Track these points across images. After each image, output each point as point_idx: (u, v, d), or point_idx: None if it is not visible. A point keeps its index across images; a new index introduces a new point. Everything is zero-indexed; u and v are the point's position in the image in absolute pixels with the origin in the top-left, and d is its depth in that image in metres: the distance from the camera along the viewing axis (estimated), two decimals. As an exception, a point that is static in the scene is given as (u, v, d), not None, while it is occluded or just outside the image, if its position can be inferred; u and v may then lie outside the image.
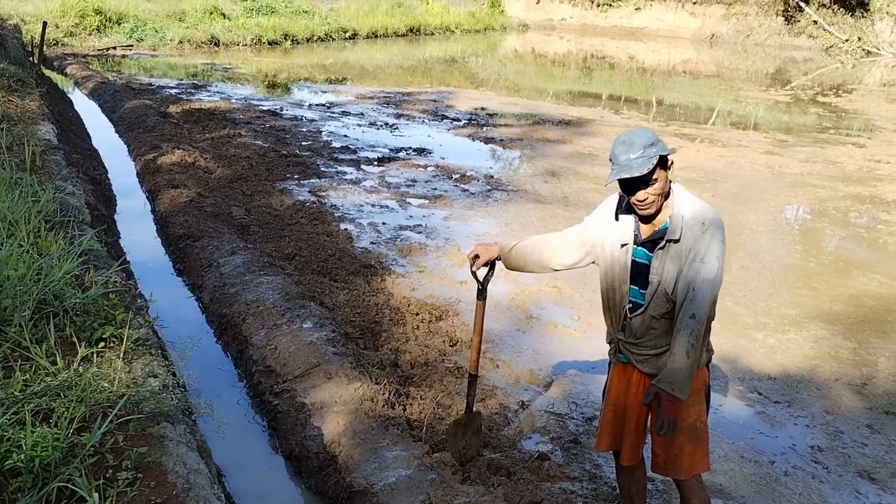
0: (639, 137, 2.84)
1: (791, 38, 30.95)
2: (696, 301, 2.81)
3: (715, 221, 2.86)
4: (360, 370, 4.63)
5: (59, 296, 3.51)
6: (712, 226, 2.85)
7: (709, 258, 2.82)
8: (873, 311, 6.33)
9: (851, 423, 4.69)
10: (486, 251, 3.45)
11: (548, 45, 31.16)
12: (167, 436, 2.82)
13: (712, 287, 2.81)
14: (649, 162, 2.79)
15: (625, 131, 2.93)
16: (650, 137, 2.84)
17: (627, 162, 2.82)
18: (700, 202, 2.93)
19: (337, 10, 30.37)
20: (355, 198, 8.75)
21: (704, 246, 2.83)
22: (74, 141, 9.31)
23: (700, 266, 2.82)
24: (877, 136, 13.87)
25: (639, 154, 2.81)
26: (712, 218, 2.87)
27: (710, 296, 2.82)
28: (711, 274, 2.81)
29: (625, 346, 3.14)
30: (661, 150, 2.82)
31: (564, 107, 16.06)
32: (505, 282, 6.62)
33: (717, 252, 2.83)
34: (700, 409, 3.07)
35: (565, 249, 3.27)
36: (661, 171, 2.86)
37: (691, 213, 2.87)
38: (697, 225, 2.85)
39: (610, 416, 3.29)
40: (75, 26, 21.94)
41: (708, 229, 2.84)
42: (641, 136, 2.84)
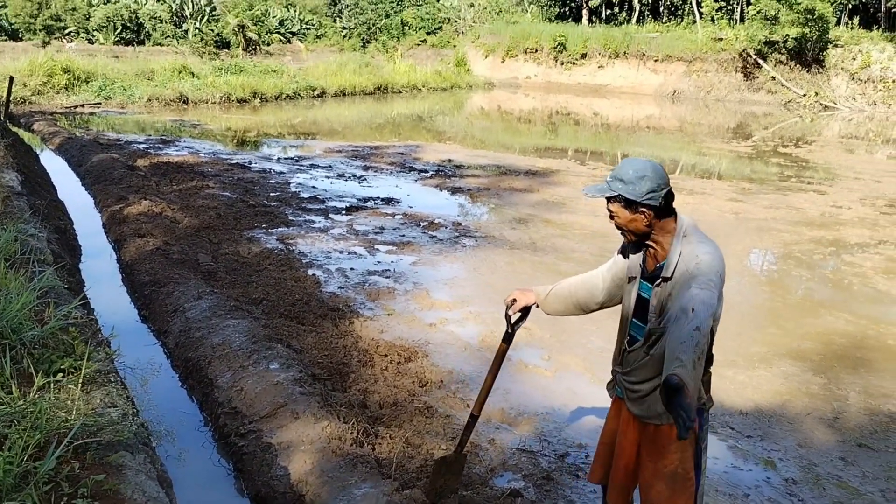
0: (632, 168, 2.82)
1: (751, 94, 31.68)
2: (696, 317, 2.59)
3: (710, 257, 2.73)
4: (328, 409, 4.54)
5: (17, 329, 3.42)
6: (706, 258, 2.73)
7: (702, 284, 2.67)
8: (842, 347, 6.36)
9: (824, 455, 4.67)
10: (523, 296, 3.39)
11: (514, 102, 31.63)
12: (125, 464, 2.72)
13: (708, 308, 2.62)
14: (607, 191, 2.83)
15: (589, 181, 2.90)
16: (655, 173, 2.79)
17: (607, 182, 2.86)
18: (705, 244, 2.80)
19: (305, 70, 30.66)
20: (323, 245, 8.71)
21: (697, 274, 2.70)
22: (39, 192, 9.21)
23: (695, 290, 2.66)
24: (837, 184, 14.14)
25: (610, 179, 2.84)
26: (708, 254, 2.74)
27: (709, 315, 2.61)
28: (706, 295, 2.64)
29: (620, 379, 3.12)
30: (627, 192, 2.78)
31: (531, 158, 16.22)
32: (475, 323, 6.60)
33: (713, 279, 2.69)
34: (684, 456, 2.94)
35: (599, 288, 3.24)
36: (622, 209, 2.84)
37: (689, 251, 2.78)
38: (692, 260, 2.75)
39: (603, 448, 3.28)
40: (43, 85, 21.92)
41: (701, 261, 2.73)
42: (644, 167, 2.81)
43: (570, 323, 6.55)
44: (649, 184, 2.78)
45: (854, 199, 12.58)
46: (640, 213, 2.82)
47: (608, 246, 9.05)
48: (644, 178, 2.79)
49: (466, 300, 7.20)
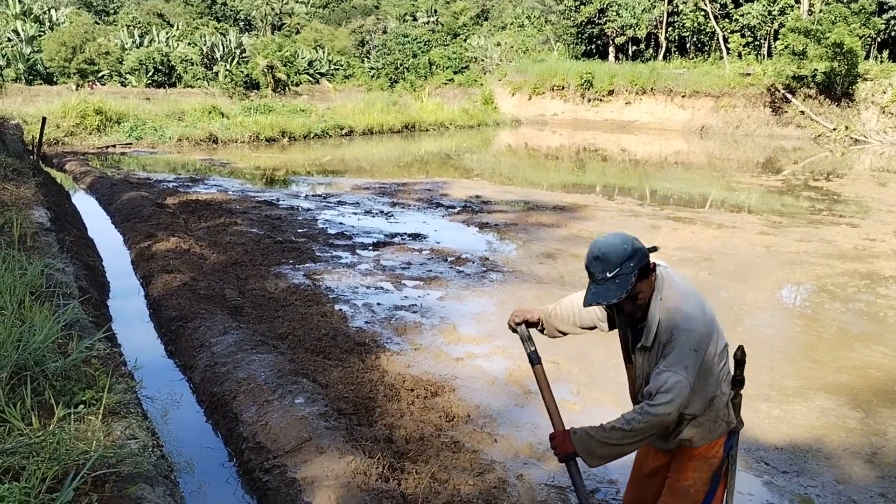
0: (614, 250, 2.68)
1: (780, 129, 31.51)
2: (652, 402, 2.66)
3: (685, 331, 2.68)
4: (353, 444, 4.48)
5: (40, 361, 3.42)
6: (681, 335, 2.68)
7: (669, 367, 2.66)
8: (879, 381, 6.20)
9: (864, 492, 4.52)
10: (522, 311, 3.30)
11: (541, 139, 31.70)
12: (144, 497, 2.68)
13: (670, 398, 2.63)
14: (627, 282, 2.66)
15: (602, 235, 2.80)
16: (626, 250, 2.68)
17: (604, 282, 2.68)
18: (680, 300, 2.76)
19: (333, 109, 31.01)
20: (350, 280, 8.70)
21: (669, 355, 2.68)
22: (69, 229, 9.31)
23: (660, 374, 2.67)
24: (870, 217, 13.94)
25: (615, 272, 2.66)
26: (683, 326, 2.69)
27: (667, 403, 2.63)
28: (669, 383, 2.63)
29: None
30: (639, 262, 2.68)
31: (558, 194, 16.18)
32: (502, 358, 6.52)
33: (682, 362, 2.65)
34: (700, 477, 2.92)
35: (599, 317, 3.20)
36: (644, 282, 2.74)
37: (665, 318, 2.73)
38: (667, 333, 2.71)
39: (633, 475, 3.27)
40: (76, 126, 22.34)
41: (674, 338, 2.69)
42: (617, 249, 2.68)
43: (599, 357, 6.46)
44: (639, 244, 2.75)
45: (888, 232, 12.37)
46: (652, 272, 2.79)
47: (637, 280, 8.95)
48: (632, 244, 2.72)
49: (494, 335, 7.12)
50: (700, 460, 2.92)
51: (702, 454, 2.91)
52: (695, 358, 2.67)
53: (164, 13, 66.16)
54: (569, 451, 2.83)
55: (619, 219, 13.03)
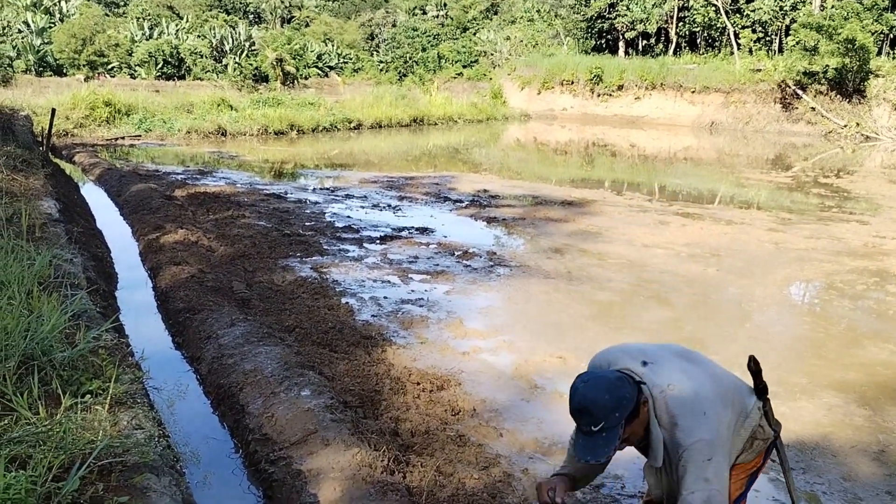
0: (596, 403, 2.50)
1: (790, 125, 31.38)
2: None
3: (691, 449, 2.56)
4: (359, 437, 4.49)
5: (47, 351, 3.43)
6: (690, 455, 2.57)
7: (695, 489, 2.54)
8: (887, 378, 6.17)
9: (871, 489, 4.50)
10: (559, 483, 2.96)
11: (549, 133, 31.64)
12: (150, 486, 2.69)
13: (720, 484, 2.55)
14: (615, 436, 2.52)
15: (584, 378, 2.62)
16: (609, 401, 2.49)
17: (591, 435, 2.53)
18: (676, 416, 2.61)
19: (342, 102, 31.00)
20: (357, 274, 8.71)
21: (687, 477, 2.56)
22: (77, 220, 9.34)
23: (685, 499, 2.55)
24: (880, 215, 13.88)
25: (601, 426, 2.50)
26: (688, 444, 2.57)
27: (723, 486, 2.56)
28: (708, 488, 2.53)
29: None
30: (626, 410, 2.52)
31: (567, 188, 16.15)
32: (509, 352, 6.52)
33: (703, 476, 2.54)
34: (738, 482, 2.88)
35: None
36: (634, 422, 2.59)
37: (668, 438, 2.62)
38: (675, 453, 2.61)
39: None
40: (85, 118, 22.38)
41: (684, 459, 2.57)
42: (599, 402, 2.50)
43: (606, 352, 6.44)
44: (624, 385, 2.59)
45: (898, 230, 12.32)
46: (643, 406, 2.63)
47: (645, 276, 8.95)
48: (617, 386, 2.56)
49: (500, 329, 7.12)
50: (740, 470, 2.89)
51: (742, 466, 2.90)
52: (714, 465, 2.56)
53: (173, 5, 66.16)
54: None
55: (627, 214, 13.01)
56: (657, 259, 9.81)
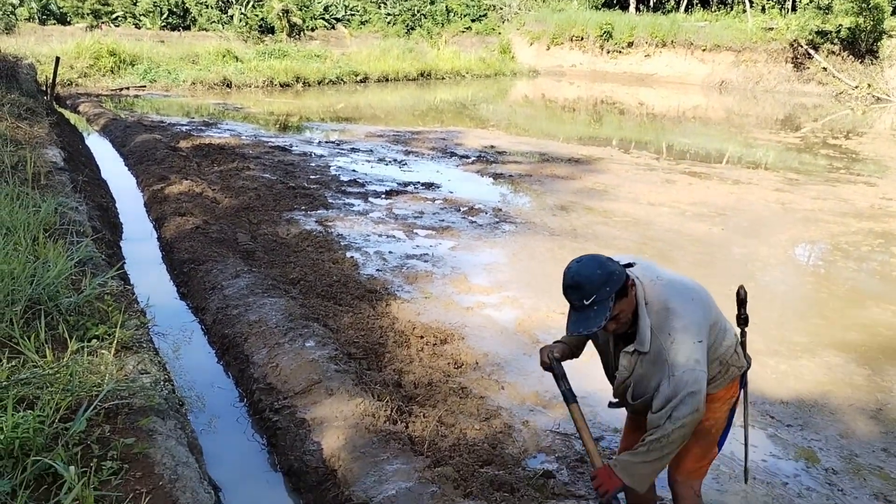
0: (587, 278, 2.64)
1: (801, 85, 30.99)
2: (678, 409, 2.68)
3: (684, 328, 2.70)
4: (363, 387, 4.54)
5: (53, 296, 3.46)
6: (682, 334, 2.70)
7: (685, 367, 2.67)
8: (888, 339, 6.20)
9: (867, 446, 4.55)
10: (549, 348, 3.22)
11: (558, 90, 31.33)
12: (156, 429, 2.74)
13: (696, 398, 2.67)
14: (605, 308, 2.64)
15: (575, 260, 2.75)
16: (600, 275, 2.64)
17: (583, 310, 2.67)
18: (666, 300, 2.75)
19: (348, 55, 30.69)
20: (362, 228, 8.71)
21: (678, 356, 2.69)
22: (82, 170, 9.33)
23: (677, 377, 2.68)
24: (888, 177, 13.79)
25: (592, 299, 2.64)
26: (680, 325, 2.71)
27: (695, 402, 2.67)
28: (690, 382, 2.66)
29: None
30: (615, 285, 2.64)
31: (574, 146, 16.05)
32: (512, 308, 6.54)
33: (693, 356, 2.68)
34: (720, 416, 3.00)
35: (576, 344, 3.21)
36: (623, 301, 2.70)
37: (657, 322, 2.74)
38: (665, 336, 2.72)
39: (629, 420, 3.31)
40: (89, 67, 22.20)
41: (676, 339, 2.70)
42: (591, 276, 2.64)
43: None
44: (614, 264, 2.72)
45: (905, 192, 12.26)
46: (631, 288, 2.74)
47: (650, 233, 8.95)
48: (607, 264, 2.70)
49: (504, 285, 7.15)
50: (720, 402, 2.98)
51: (721, 396, 2.98)
52: (702, 347, 2.71)
53: (179, -46, 65.21)
54: (616, 485, 2.81)
55: (634, 172, 12.95)
56: (663, 217, 9.79)
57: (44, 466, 2.32)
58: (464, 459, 3.96)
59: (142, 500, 2.34)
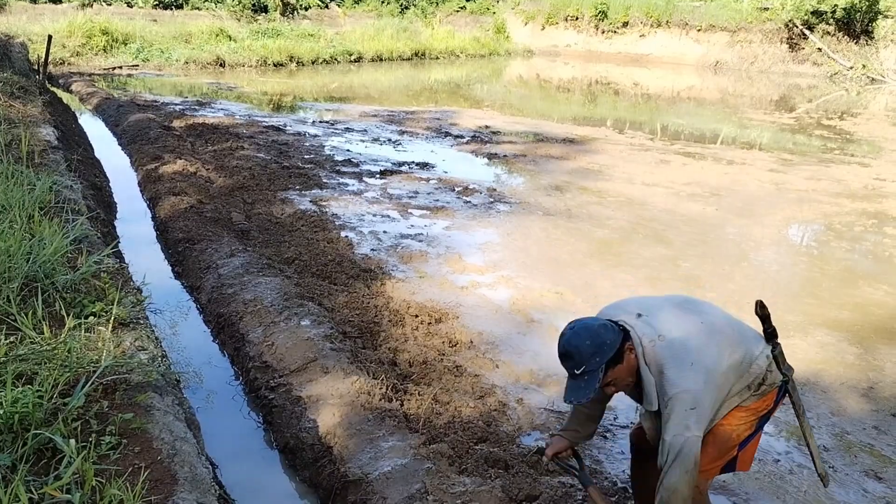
0: (578, 349, 2.64)
1: (795, 66, 30.95)
2: (668, 475, 2.68)
3: (675, 398, 2.66)
4: (358, 366, 4.56)
5: (50, 274, 3.47)
6: (674, 403, 2.66)
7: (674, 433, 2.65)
8: (879, 318, 6.24)
9: (858, 424, 4.60)
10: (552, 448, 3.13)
11: (553, 70, 31.23)
12: (154, 405, 2.76)
13: (683, 459, 2.64)
14: (595, 379, 2.63)
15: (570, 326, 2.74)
16: (589, 346, 2.63)
17: (575, 378, 2.67)
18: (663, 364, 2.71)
19: (342, 34, 30.52)
20: (357, 208, 8.71)
21: (669, 422, 2.67)
22: (76, 149, 9.29)
23: (665, 443, 2.67)
24: (882, 157, 13.83)
25: (582, 369, 2.63)
26: (673, 393, 2.66)
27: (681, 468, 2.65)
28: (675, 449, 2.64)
29: None
30: (606, 355, 2.63)
31: (569, 126, 16.05)
32: (507, 287, 6.57)
33: (684, 423, 2.64)
34: (745, 424, 2.92)
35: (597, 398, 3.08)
36: (617, 368, 2.69)
37: (659, 383, 2.71)
38: (664, 397, 2.70)
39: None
40: (82, 46, 22.02)
41: (669, 406, 2.67)
42: (581, 347, 2.64)
43: (603, 287, 6.52)
44: (607, 332, 2.68)
45: (899, 172, 12.30)
46: (627, 352, 2.72)
47: (644, 214, 8.97)
48: (598, 336, 2.66)
49: (499, 264, 7.17)
50: (748, 412, 2.92)
51: (752, 408, 2.92)
52: (696, 414, 2.65)
53: (171, -68, 64.62)
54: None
55: (628, 153, 12.96)
56: (657, 198, 9.80)
57: (43, 441, 2.35)
58: (458, 437, 3.99)
59: (141, 474, 2.37)
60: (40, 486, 2.23)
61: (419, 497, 3.32)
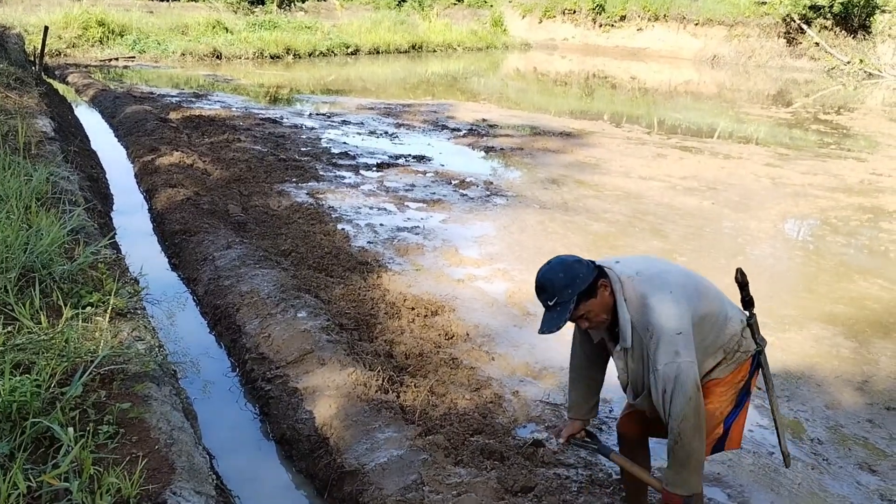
0: (550, 280, 2.74)
1: (792, 60, 30.95)
2: (672, 405, 2.70)
3: (660, 324, 2.71)
4: (354, 357, 4.57)
5: (47, 264, 3.48)
6: (659, 330, 2.71)
7: (667, 359, 2.69)
8: (875, 313, 6.27)
9: (852, 417, 4.62)
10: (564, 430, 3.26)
11: (550, 64, 31.21)
12: (151, 395, 2.77)
13: (682, 385, 2.68)
14: (566, 310, 2.71)
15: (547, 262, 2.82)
16: (562, 278, 2.72)
17: (549, 310, 2.75)
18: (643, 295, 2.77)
19: (339, 27, 30.46)
20: (353, 200, 8.71)
21: (658, 351, 2.71)
22: (72, 140, 9.27)
23: (659, 371, 2.70)
24: (878, 152, 13.85)
25: (555, 301, 2.72)
26: (656, 320, 2.72)
27: (684, 393, 2.68)
28: (672, 376, 2.68)
29: None
30: (578, 287, 2.70)
31: (566, 120, 16.05)
32: (503, 280, 6.58)
33: (673, 349, 2.68)
34: (726, 399, 2.97)
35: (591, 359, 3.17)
36: (590, 301, 2.75)
37: (636, 318, 2.77)
38: (644, 331, 2.75)
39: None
40: (78, 38, 21.95)
41: (653, 334, 2.72)
42: (553, 279, 2.73)
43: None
44: (580, 266, 2.77)
45: (895, 167, 12.31)
46: (600, 287, 2.78)
47: (640, 207, 8.98)
48: (572, 269, 2.75)
49: (495, 257, 7.18)
50: (727, 385, 2.96)
51: (729, 381, 2.95)
52: (683, 339, 2.70)
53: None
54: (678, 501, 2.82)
55: (625, 146, 12.96)
56: (653, 191, 9.82)
57: (41, 429, 2.36)
58: (454, 428, 4.01)
59: (138, 463, 2.38)
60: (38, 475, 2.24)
61: (415, 488, 3.34)
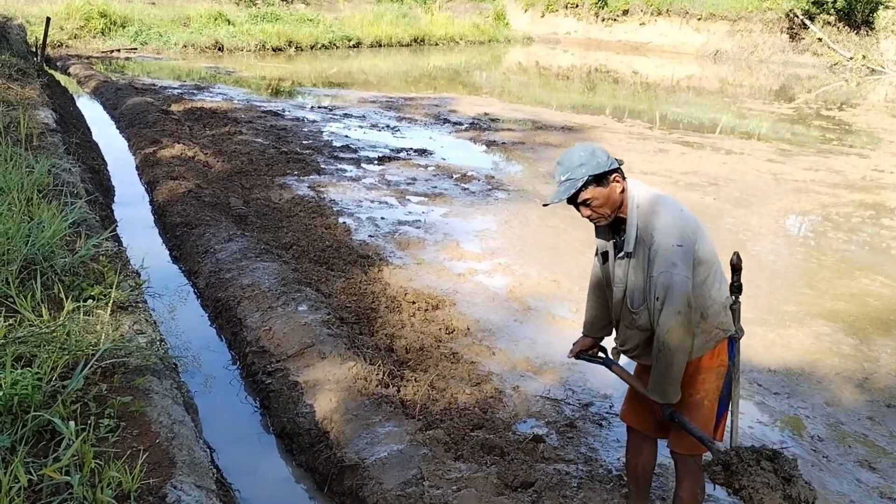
0: (570, 156, 2.84)
1: (795, 56, 30.89)
2: (662, 314, 2.78)
3: (664, 230, 2.79)
4: (355, 351, 4.57)
5: (48, 257, 3.47)
6: (661, 235, 2.79)
7: (662, 267, 2.77)
8: (875, 309, 6.26)
9: (852, 414, 4.62)
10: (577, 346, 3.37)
11: (552, 58, 31.16)
12: (152, 388, 2.77)
13: (678, 289, 2.75)
14: (573, 186, 2.78)
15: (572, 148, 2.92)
16: (581, 156, 2.81)
17: (559, 185, 2.82)
18: (655, 204, 2.87)
19: (341, 19, 30.42)
20: (355, 194, 8.71)
21: (655, 257, 2.79)
22: (74, 132, 9.27)
23: (655, 279, 2.79)
24: (881, 148, 13.83)
25: (567, 176, 2.80)
26: (661, 226, 2.80)
27: (681, 294, 2.75)
28: (665, 283, 2.76)
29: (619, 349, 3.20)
30: (591, 171, 2.77)
31: (567, 114, 16.02)
32: (504, 275, 6.58)
33: (670, 259, 2.76)
34: (711, 387, 3.02)
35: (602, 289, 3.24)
36: (598, 189, 2.82)
37: (643, 223, 2.84)
38: (647, 236, 2.82)
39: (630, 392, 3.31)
40: (80, 29, 21.93)
41: (656, 240, 2.79)
42: (573, 155, 2.83)
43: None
44: (601, 154, 2.84)
45: (897, 164, 12.31)
46: (613, 181, 2.85)
47: (641, 202, 8.95)
48: (593, 153, 2.83)
49: (496, 252, 7.17)
50: (707, 371, 3.00)
51: (707, 366, 2.99)
52: (682, 252, 2.77)
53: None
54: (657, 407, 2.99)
55: (627, 141, 12.95)
56: (655, 186, 9.77)
57: (42, 423, 2.36)
58: (455, 423, 4.01)
59: (139, 456, 2.38)
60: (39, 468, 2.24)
61: (415, 482, 3.34)
